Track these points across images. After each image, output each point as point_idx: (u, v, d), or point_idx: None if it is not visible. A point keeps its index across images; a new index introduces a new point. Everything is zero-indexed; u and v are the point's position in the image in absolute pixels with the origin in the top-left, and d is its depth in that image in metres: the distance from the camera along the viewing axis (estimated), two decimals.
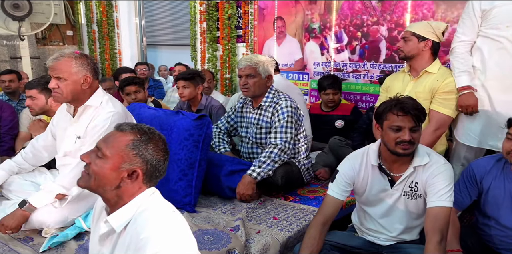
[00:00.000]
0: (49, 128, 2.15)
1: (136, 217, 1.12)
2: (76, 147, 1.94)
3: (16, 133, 3.35)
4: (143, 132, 1.14)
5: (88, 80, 1.90)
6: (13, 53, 5.49)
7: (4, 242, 1.78)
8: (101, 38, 5.83)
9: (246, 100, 2.58)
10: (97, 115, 1.92)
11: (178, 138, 2.13)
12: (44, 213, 1.81)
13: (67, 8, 6.02)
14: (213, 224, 1.92)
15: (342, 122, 3.12)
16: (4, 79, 3.77)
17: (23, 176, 2.15)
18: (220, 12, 4.24)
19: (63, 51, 1.94)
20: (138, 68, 4.87)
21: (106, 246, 1.18)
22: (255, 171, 2.19)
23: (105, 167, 1.11)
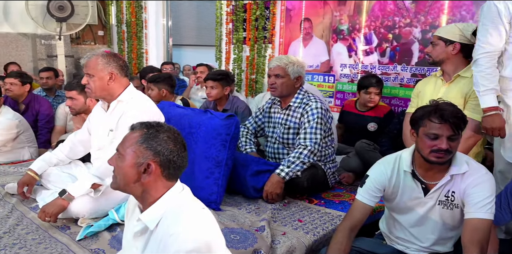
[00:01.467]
0: (86, 124, 2.27)
1: (167, 214, 1.13)
2: (108, 140, 2.02)
3: (52, 126, 3.51)
4: (151, 126, 1.18)
5: (113, 77, 2.00)
6: (49, 51, 5.67)
7: (44, 229, 1.86)
8: (129, 38, 5.94)
9: (274, 101, 2.56)
10: (128, 109, 1.99)
11: (206, 136, 2.13)
12: (81, 204, 1.88)
13: (100, 9, 6.17)
14: (238, 223, 1.90)
15: (375, 126, 2.98)
16: (42, 76, 3.96)
17: (61, 167, 2.28)
18: (248, 13, 4.23)
19: (96, 50, 2.03)
20: (164, 68, 4.93)
21: (139, 242, 1.20)
22: (284, 171, 2.17)
23: (124, 165, 1.15)
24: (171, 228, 1.08)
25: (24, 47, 5.55)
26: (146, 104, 2.06)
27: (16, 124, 2.94)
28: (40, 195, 2.17)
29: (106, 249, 1.68)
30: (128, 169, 1.14)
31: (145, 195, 1.16)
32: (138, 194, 1.18)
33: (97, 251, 1.67)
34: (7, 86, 3.36)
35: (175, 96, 3.24)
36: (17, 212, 2.05)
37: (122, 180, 1.17)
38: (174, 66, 5.21)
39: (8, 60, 5.14)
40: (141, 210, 1.20)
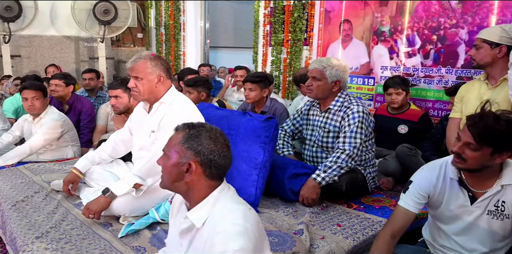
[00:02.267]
0: (127, 123, 2.34)
1: (214, 213, 1.16)
2: (150, 141, 2.07)
3: (93, 126, 3.64)
4: (193, 127, 1.22)
5: (161, 80, 2.04)
6: (91, 53, 5.92)
7: (87, 225, 1.94)
8: (167, 40, 6.09)
9: (313, 103, 2.56)
10: (170, 111, 2.04)
11: (244, 138, 2.15)
12: (123, 202, 1.95)
13: (139, 12, 6.37)
14: (276, 226, 1.91)
15: (405, 128, 2.95)
16: (85, 77, 4.13)
17: (103, 166, 2.36)
18: (286, 15, 4.25)
19: (141, 53, 2.08)
20: (201, 70, 5.02)
21: (185, 239, 1.23)
22: (320, 176, 2.16)
23: (168, 165, 1.20)
24: (218, 227, 1.10)
25: (68, 50, 5.82)
26: (188, 106, 2.11)
27: (61, 124, 3.08)
28: (84, 192, 2.27)
29: (147, 247, 1.73)
30: (172, 168, 1.19)
31: (190, 194, 1.20)
32: (184, 193, 1.22)
33: (138, 249, 1.72)
34: (52, 88, 3.53)
35: (211, 98, 3.30)
36: (62, 208, 2.14)
37: (168, 179, 1.21)
38: (211, 68, 5.30)
39: (52, 62, 5.41)
40: (187, 208, 1.24)
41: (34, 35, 5.50)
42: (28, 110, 3.02)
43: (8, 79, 4.53)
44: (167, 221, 1.93)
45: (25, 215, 2.06)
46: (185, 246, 1.23)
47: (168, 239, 1.44)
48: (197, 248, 1.18)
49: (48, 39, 5.65)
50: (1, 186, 2.49)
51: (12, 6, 4.83)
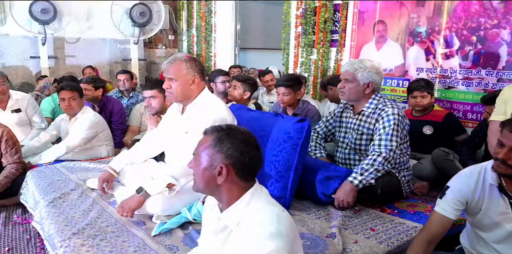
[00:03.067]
0: (161, 124, 2.37)
1: (247, 214, 1.17)
2: (183, 142, 2.09)
3: (124, 127, 3.73)
4: (221, 130, 1.22)
5: (196, 81, 2.07)
6: (124, 55, 6.10)
7: (121, 223, 1.99)
8: (199, 42, 6.19)
9: (347, 105, 2.54)
10: (203, 112, 2.07)
11: (277, 140, 2.16)
12: (156, 201, 1.99)
13: (171, 14, 6.51)
14: (308, 228, 1.91)
15: (431, 129, 2.92)
16: (120, 78, 4.25)
17: (137, 165, 2.41)
18: (317, 16, 4.24)
19: (176, 55, 2.12)
20: (232, 71, 5.07)
21: (218, 240, 1.25)
22: (357, 179, 2.14)
23: (200, 168, 1.22)
24: (252, 228, 1.11)
25: (102, 51, 6.01)
26: (220, 108, 2.11)
27: (96, 124, 3.18)
28: (118, 190, 2.33)
29: (179, 246, 1.77)
30: (204, 172, 1.21)
31: (224, 196, 1.21)
32: (217, 195, 1.24)
33: (171, 247, 1.76)
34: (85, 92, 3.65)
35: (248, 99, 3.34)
36: (97, 206, 2.21)
37: (200, 182, 1.24)
38: (241, 69, 5.34)
39: (87, 63, 5.60)
40: (220, 209, 1.26)
41: (70, 37, 5.71)
42: (65, 110, 3.14)
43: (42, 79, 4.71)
44: (199, 221, 1.97)
45: (62, 211, 2.14)
46: (218, 247, 1.25)
47: (200, 238, 1.47)
48: (230, 248, 1.19)
49: (84, 41, 5.85)
50: (39, 183, 2.60)
51: (48, 8, 5.03)
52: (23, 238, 2.36)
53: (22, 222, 2.57)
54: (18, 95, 3.50)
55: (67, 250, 1.74)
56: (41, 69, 5.38)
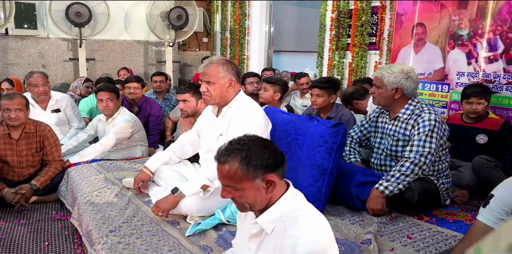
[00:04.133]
0: (196, 126, 2.42)
1: (284, 217, 1.18)
2: (218, 144, 2.11)
3: (161, 128, 3.83)
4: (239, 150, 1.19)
5: (232, 84, 2.10)
6: (159, 57, 6.25)
7: (156, 222, 2.05)
8: (232, 45, 6.26)
9: (383, 110, 2.51)
10: (239, 115, 2.09)
11: (312, 143, 2.17)
12: (190, 202, 2.04)
13: (205, 17, 6.62)
14: (342, 234, 1.90)
15: (485, 138, 2.78)
16: (156, 80, 4.36)
17: (171, 166, 2.48)
18: (353, 19, 4.21)
19: (212, 58, 2.16)
20: (265, 74, 5.10)
21: (253, 243, 1.27)
22: (382, 185, 2.12)
23: (249, 195, 1.19)
24: (288, 231, 1.13)
25: (137, 53, 6.19)
26: (255, 111, 2.13)
27: (131, 125, 3.28)
28: (153, 190, 2.40)
29: (213, 247, 1.80)
30: (255, 194, 1.19)
31: (264, 202, 1.22)
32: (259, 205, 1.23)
33: (205, 248, 1.79)
34: (132, 91, 3.77)
35: (281, 102, 3.35)
36: (133, 205, 2.28)
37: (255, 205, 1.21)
38: (274, 72, 5.37)
39: (123, 65, 5.78)
40: (255, 213, 1.28)
41: (107, 39, 5.91)
42: (103, 111, 3.25)
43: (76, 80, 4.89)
44: (232, 222, 2.00)
45: (99, 209, 2.22)
46: (254, 250, 1.27)
47: (235, 240, 1.49)
48: (265, 252, 1.21)
49: (120, 43, 6.05)
50: (77, 181, 2.71)
51: (82, 12, 5.23)
52: (61, 233, 2.46)
53: (60, 218, 2.68)
54: (58, 96, 3.65)
55: (105, 247, 1.81)
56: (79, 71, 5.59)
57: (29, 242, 2.35)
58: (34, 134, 2.90)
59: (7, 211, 2.74)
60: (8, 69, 5.38)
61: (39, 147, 2.92)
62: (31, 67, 5.39)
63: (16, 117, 2.76)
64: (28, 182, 2.81)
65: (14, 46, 5.38)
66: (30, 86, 3.45)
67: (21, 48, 5.42)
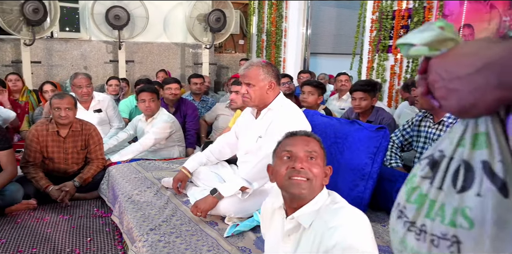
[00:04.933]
0: (234, 127, 2.44)
1: (322, 211, 1.20)
2: (256, 146, 2.16)
3: (198, 128, 3.92)
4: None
5: (272, 86, 2.13)
6: (195, 59, 6.37)
7: (195, 222, 2.10)
8: (268, 47, 6.30)
9: (426, 114, 2.47)
10: (278, 118, 2.10)
11: (352, 147, 2.15)
12: (229, 203, 2.07)
13: (242, 19, 6.70)
14: (383, 241, 1.87)
15: None
16: (195, 82, 4.45)
17: (209, 167, 2.53)
18: (396, 20, 4.15)
19: (252, 60, 2.20)
20: (301, 76, 5.10)
21: (290, 241, 1.27)
22: None
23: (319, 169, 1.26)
24: (329, 222, 1.13)
25: (175, 56, 6.33)
26: (295, 113, 2.15)
27: (170, 125, 3.37)
28: (191, 191, 2.45)
29: (252, 248, 1.82)
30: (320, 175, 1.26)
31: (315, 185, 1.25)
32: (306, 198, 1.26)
33: (244, 250, 1.81)
34: (173, 91, 3.87)
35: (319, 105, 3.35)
36: (171, 204, 2.34)
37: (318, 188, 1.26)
38: (311, 74, 5.36)
39: (160, 67, 5.93)
40: (285, 211, 1.29)
41: (146, 42, 6.09)
42: (144, 111, 3.35)
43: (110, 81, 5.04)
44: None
45: (139, 207, 2.29)
46: (292, 247, 1.27)
47: (267, 245, 1.46)
48: (304, 247, 1.21)
49: (158, 45, 6.21)
50: (118, 179, 2.81)
51: (121, 15, 5.41)
52: (102, 230, 2.55)
53: (101, 215, 2.78)
54: (100, 97, 3.79)
55: (145, 244, 1.86)
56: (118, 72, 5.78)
57: (73, 237, 2.45)
58: (80, 132, 3.03)
59: (52, 207, 2.88)
60: (52, 71, 5.63)
61: (84, 145, 3.05)
62: (74, 69, 5.62)
63: (66, 116, 2.89)
64: (71, 179, 2.94)
65: (58, 49, 5.63)
66: (74, 87, 3.60)
67: (64, 50, 5.67)
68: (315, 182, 1.22)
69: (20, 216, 2.71)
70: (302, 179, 1.22)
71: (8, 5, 4.57)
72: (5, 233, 2.42)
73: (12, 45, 5.30)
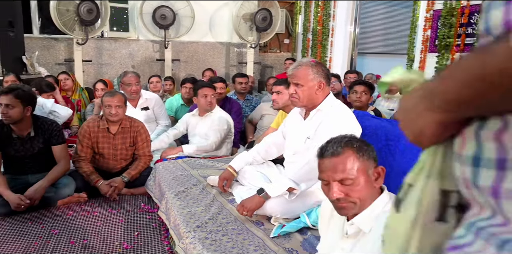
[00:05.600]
0: (281, 127, 2.45)
1: (382, 216, 1.17)
2: (304, 147, 2.15)
3: (242, 127, 3.96)
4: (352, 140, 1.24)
5: (322, 86, 2.10)
6: (240, 59, 6.43)
7: (241, 221, 2.12)
8: (314, 46, 6.25)
9: None
10: (328, 119, 2.08)
11: (405, 150, 2.10)
12: (276, 203, 2.06)
13: (287, 18, 6.69)
14: None
15: None
16: (240, 81, 4.50)
17: (255, 167, 2.54)
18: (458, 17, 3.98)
19: (301, 60, 2.18)
20: (348, 77, 5.02)
21: (347, 243, 1.27)
22: None
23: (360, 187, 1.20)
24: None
25: (219, 55, 6.42)
26: (345, 115, 2.12)
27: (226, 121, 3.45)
28: (236, 190, 2.47)
29: (299, 250, 1.81)
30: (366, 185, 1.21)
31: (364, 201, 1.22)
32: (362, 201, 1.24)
33: (291, 251, 1.81)
34: (219, 90, 3.94)
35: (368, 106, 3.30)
36: (217, 202, 2.37)
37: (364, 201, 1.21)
38: (358, 75, 5.27)
39: (205, 66, 6.03)
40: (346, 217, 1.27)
41: (191, 41, 6.21)
42: (206, 106, 3.40)
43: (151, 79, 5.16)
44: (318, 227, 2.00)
45: (186, 204, 2.34)
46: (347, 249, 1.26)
47: (321, 245, 1.48)
48: (363, 247, 1.20)
49: (203, 45, 6.32)
50: (165, 176, 2.88)
51: (167, 14, 5.54)
52: (149, 225, 2.63)
53: (148, 211, 2.86)
54: (147, 95, 3.91)
55: (193, 241, 1.90)
56: (164, 71, 5.93)
57: (121, 230, 2.54)
58: (129, 129, 3.14)
59: (101, 201, 3.00)
60: (102, 69, 5.87)
61: (132, 141, 3.16)
62: (122, 68, 5.83)
63: (116, 113, 3.01)
64: (119, 175, 3.06)
65: (108, 48, 5.86)
66: (123, 85, 3.73)
67: (114, 49, 5.89)
68: (360, 201, 1.21)
69: (72, 209, 2.84)
70: (344, 205, 1.22)
71: (64, 6, 4.81)
72: (58, 224, 2.55)
73: (65, 44, 5.57)
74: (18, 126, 2.43)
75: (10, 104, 2.35)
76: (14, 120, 2.36)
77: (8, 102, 2.36)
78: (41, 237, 2.03)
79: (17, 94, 2.39)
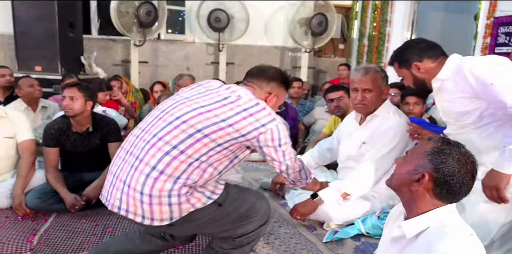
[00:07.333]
0: (335, 133, 2.49)
1: (431, 229, 1.17)
2: (360, 152, 2.18)
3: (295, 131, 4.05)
4: (447, 143, 1.21)
5: (386, 91, 2.14)
6: (294, 63, 6.51)
7: (293, 225, 2.18)
8: (369, 52, 6.20)
9: None
10: (384, 124, 2.11)
11: None
12: (329, 209, 2.11)
13: (343, 23, 6.69)
14: None
15: None
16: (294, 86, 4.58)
17: None
18: None
19: (368, 66, 2.21)
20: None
21: (395, 247, 1.29)
22: None
23: (402, 168, 1.25)
24: (434, 244, 1.11)
25: (274, 59, 6.51)
26: (401, 121, 2.14)
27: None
28: (288, 194, 2.52)
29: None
30: (404, 172, 1.25)
31: (411, 204, 1.24)
32: (405, 200, 1.28)
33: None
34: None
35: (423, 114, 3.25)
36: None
37: (397, 180, 1.28)
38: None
39: None
40: (405, 218, 1.29)
41: (246, 44, 6.34)
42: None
43: None
44: (371, 234, 2.02)
45: None
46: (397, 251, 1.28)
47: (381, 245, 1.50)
48: None
49: (258, 48, 6.44)
50: None
51: (222, 17, 5.70)
52: None
53: None
54: None
55: None
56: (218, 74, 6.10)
57: None
58: None
59: None
60: (157, 71, 6.13)
61: None
62: (177, 70, 6.06)
63: None
64: None
65: (164, 50, 6.11)
66: (178, 88, 3.90)
67: (170, 51, 6.13)
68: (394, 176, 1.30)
69: None
70: None
71: (124, 8, 5.06)
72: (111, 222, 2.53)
73: (122, 45, 5.86)
74: (78, 121, 2.54)
75: (74, 96, 2.48)
76: (76, 112, 2.48)
77: (71, 95, 2.49)
78: (94, 235, 2.14)
79: (80, 88, 2.53)
